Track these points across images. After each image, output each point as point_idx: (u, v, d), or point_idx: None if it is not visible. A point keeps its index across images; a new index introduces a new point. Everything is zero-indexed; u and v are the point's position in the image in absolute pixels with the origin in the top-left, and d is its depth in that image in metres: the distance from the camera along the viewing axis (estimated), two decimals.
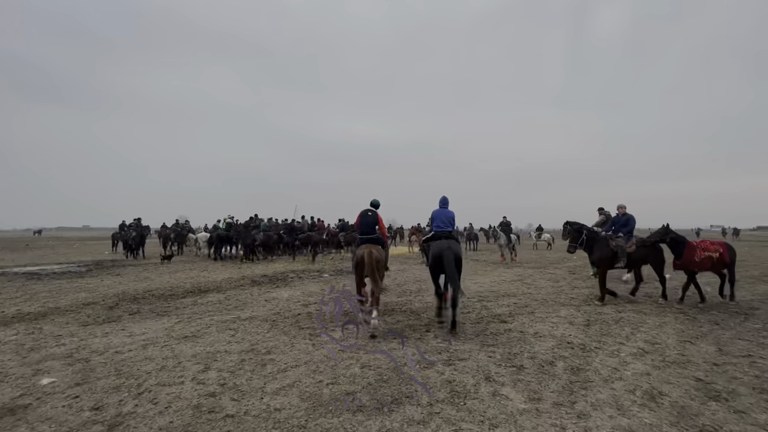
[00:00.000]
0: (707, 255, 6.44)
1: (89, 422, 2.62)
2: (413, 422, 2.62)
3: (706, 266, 6.53)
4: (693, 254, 6.50)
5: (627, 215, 7.20)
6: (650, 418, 2.69)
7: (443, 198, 5.83)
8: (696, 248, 6.53)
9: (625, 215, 7.20)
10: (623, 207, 7.31)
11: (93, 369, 3.57)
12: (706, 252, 6.47)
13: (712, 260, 6.44)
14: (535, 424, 2.59)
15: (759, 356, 3.98)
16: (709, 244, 6.63)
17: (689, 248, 6.55)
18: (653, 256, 6.93)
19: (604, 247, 6.88)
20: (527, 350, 4.12)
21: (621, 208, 7.32)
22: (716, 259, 6.43)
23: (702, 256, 6.45)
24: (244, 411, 2.77)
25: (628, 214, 7.20)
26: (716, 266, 6.53)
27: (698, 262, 6.47)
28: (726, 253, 6.47)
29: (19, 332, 4.82)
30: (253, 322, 5.34)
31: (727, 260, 6.47)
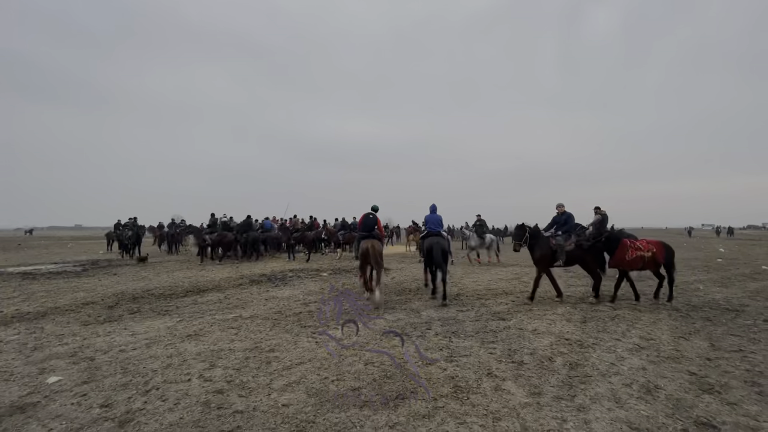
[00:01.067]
0: (639, 254, 6.38)
1: (100, 419, 2.66)
2: (419, 416, 2.69)
3: (637, 265, 6.48)
4: (624, 253, 6.44)
5: (566, 213, 7.17)
6: (647, 410, 2.79)
7: (433, 205, 7.55)
8: (628, 247, 6.47)
9: (564, 213, 7.18)
10: (561, 206, 7.26)
11: (99, 367, 3.60)
12: (639, 251, 6.41)
13: (644, 259, 6.39)
14: (537, 417, 2.68)
15: (750, 351, 4.11)
16: (645, 243, 6.56)
17: (621, 247, 6.50)
18: (591, 254, 6.83)
19: (545, 246, 6.92)
20: (526, 346, 4.22)
21: (560, 206, 7.27)
22: (648, 259, 6.37)
23: (633, 255, 6.39)
24: (253, 407, 2.83)
25: (567, 213, 7.18)
26: (648, 266, 6.48)
27: (629, 261, 6.42)
28: (660, 252, 6.40)
29: (21, 332, 4.81)
30: (254, 320, 5.38)
31: (661, 260, 6.40)
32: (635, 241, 6.62)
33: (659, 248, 6.46)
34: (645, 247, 6.45)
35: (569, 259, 6.86)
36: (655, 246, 6.48)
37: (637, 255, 6.40)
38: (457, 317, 5.57)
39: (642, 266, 6.52)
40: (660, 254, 6.41)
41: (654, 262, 6.43)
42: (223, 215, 15.87)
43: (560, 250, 6.77)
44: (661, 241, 6.70)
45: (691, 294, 7.45)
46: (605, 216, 10.24)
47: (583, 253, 6.84)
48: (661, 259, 6.43)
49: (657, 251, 6.41)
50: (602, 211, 10.28)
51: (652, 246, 6.47)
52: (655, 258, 6.39)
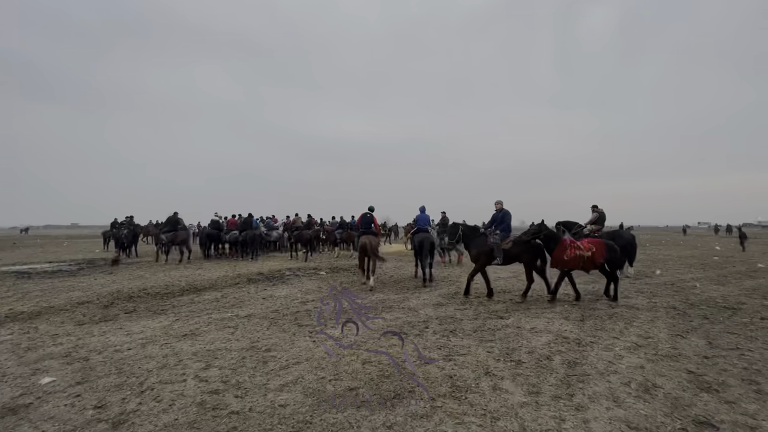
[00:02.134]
0: (578, 254, 6.31)
1: (93, 420, 2.62)
2: (417, 416, 2.67)
3: (576, 265, 6.39)
4: (563, 252, 6.39)
5: (503, 211, 7.09)
6: (645, 409, 2.78)
7: (422, 206, 9.32)
8: (567, 246, 6.41)
9: (501, 211, 7.10)
10: (499, 203, 7.19)
11: (93, 368, 3.56)
12: (578, 251, 6.33)
13: (582, 259, 6.30)
14: (536, 417, 2.66)
15: (747, 349, 4.12)
16: (585, 242, 6.48)
17: (560, 246, 6.45)
18: (529, 253, 6.76)
19: (482, 243, 6.87)
20: (525, 345, 4.21)
21: (497, 204, 7.21)
22: (587, 258, 6.29)
23: (571, 255, 6.32)
24: (249, 407, 2.80)
25: (505, 210, 7.10)
26: (587, 265, 6.39)
27: (567, 260, 6.36)
28: (599, 252, 6.31)
29: (14, 332, 4.76)
30: (251, 319, 5.34)
31: (599, 260, 6.32)
32: (575, 241, 6.54)
33: (599, 248, 6.36)
34: (585, 246, 6.36)
35: (508, 258, 6.79)
36: (595, 245, 6.39)
37: (576, 254, 6.30)
38: (455, 316, 5.55)
39: (581, 266, 6.41)
40: (599, 254, 6.31)
41: (592, 261, 6.32)
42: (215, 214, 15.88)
43: (497, 249, 6.71)
44: (604, 241, 6.60)
45: (688, 292, 7.47)
46: (602, 214, 10.28)
47: (521, 252, 6.76)
48: (601, 258, 6.32)
49: (596, 251, 6.31)
50: (599, 209, 10.32)
51: (591, 245, 6.38)
52: (593, 258, 6.29)
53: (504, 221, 7.01)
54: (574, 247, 6.38)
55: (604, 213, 10.12)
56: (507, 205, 7.28)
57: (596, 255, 6.30)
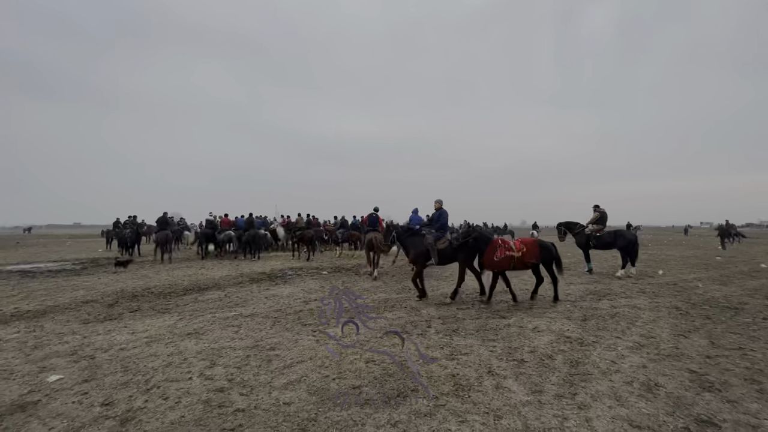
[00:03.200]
0: (508, 254, 6.22)
1: (101, 417, 2.65)
2: (420, 414, 2.69)
3: (507, 265, 6.30)
4: (493, 253, 6.29)
5: (440, 211, 7.02)
6: (648, 408, 2.79)
7: (415, 209, 10.74)
8: (497, 247, 6.32)
9: (439, 211, 7.03)
10: (438, 202, 7.12)
11: (99, 366, 3.60)
12: (508, 251, 6.24)
13: (513, 260, 6.23)
14: (538, 415, 2.68)
15: (750, 349, 4.13)
16: (518, 243, 6.39)
17: (491, 247, 6.36)
18: (463, 254, 6.65)
19: (419, 244, 6.82)
20: (527, 345, 4.22)
21: (436, 203, 7.13)
22: (517, 259, 6.22)
23: (502, 255, 6.23)
24: (254, 405, 2.83)
25: (442, 210, 7.03)
26: (518, 266, 6.31)
27: (497, 261, 6.25)
28: (530, 252, 6.25)
29: (21, 330, 4.80)
30: (255, 318, 5.37)
31: (530, 260, 6.25)
32: (507, 241, 6.46)
33: (531, 248, 6.30)
34: (517, 247, 6.29)
35: (443, 258, 6.73)
36: (527, 246, 6.32)
37: (506, 255, 6.22)
38: (457, 315, 5.57)
39: (512, 266, 6.32)
40: (531, 254, 6.25)
41: (523, 262, 6.26)
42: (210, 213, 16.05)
43: (432, 249, 6.65)
44: (537, 241, 6.55)
45: (691, 292, 7.46)
46: (604, 214, 10.28)
47: (456, 253, 6.68)
48: (532, 259, 6.27)
49: (528, 251, 6.25)
50: (601, 209, 10.33)
51: (523, 246, 6.31)
52: (524, 258, 6.23)
53: (439, 221, 6.96)
54: (505, 248, 6.28)
55: (606, 213, 10.12)
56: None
57: (526, 255, 6.22)
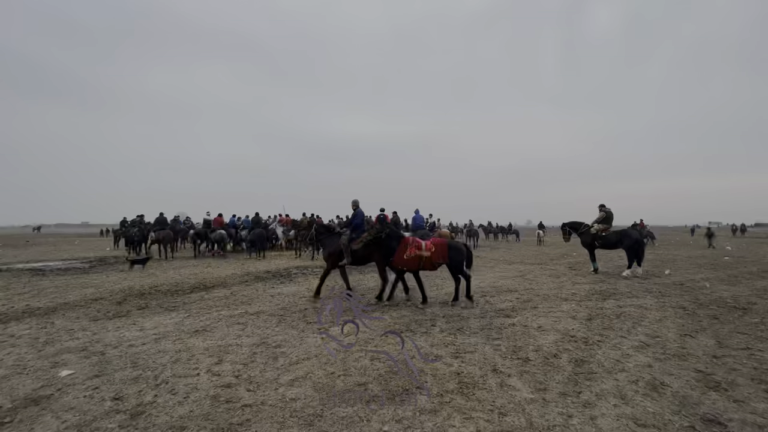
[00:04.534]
0: (417, 254, 6.14)
1: (112, 411, 2.71)
2: (425, 411, 2.72)
3: (415, 265, 6.24)
4: (403, 252, 6.21)
5: (356, 211, 6.99)
6: (653, 407, 2.79)
7: (417, 209, 12.44)
8: (407, 246, 6.23)
9: (354, 210, 7.01)
10: (355, 203, 7.08)
11: (109, 361, 3.66)
12: (417, 251, 6.15)
13: (421, 259, 6.15)
14: (543, 413, 2.69)
15: (757, 349, 4.09)
16: (429, 243, 6.29)
17: (401, 246, 6.28)
18: (378, 254, 6.59)
19: (334, 243, 6.82)
20: (532, 343, 4.23)
21: (353, 203, 7.10)
22: (425, 259, 6.13)
23: (411, 254, 6.14)
24: (261, 401, 2.87)
25: (358, 210, 7.00)
26: (426, 265, 6.22)
27: (407, 260, 6.18)
28: (439, 252, 6.13)
29: (32, 326, 4.90)
30: (261, 316, 5.43)
31: (439, 260, 6.14)
32: (418, 240, 6.35)
33: (440, 248, 6.16)
34: (427, 246, 6.20)
35: (358, 258, 6.68)
36: (436, 246, 6.20)
37: (415, 254, 6.14)
38: (461, 314, 5.58)
39: (420, 266, 6.26)
40: (439, 254, 6.13)
41: (430, 262, 6.15)
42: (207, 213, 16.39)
43: (345, 249, 6.64)
44: (447, 241, 6.40)
45: (698, 292, 7.40)
46: (609, 213, 10.22)
47: (371, 252, 6.61)
48: (440, 259, 6.14)
49: (436, 251, 6.13)
50: (606, 208, 10.27)
51: (432, 245, 6.20)
52: (431, 258, 6.12)
53: (354, 221, 6.94)
54: (414, 247, 6.20)
55: (612, 212, 10.06)
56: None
57: (435, 255, 6.12)
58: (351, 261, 6.67)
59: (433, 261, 6.18)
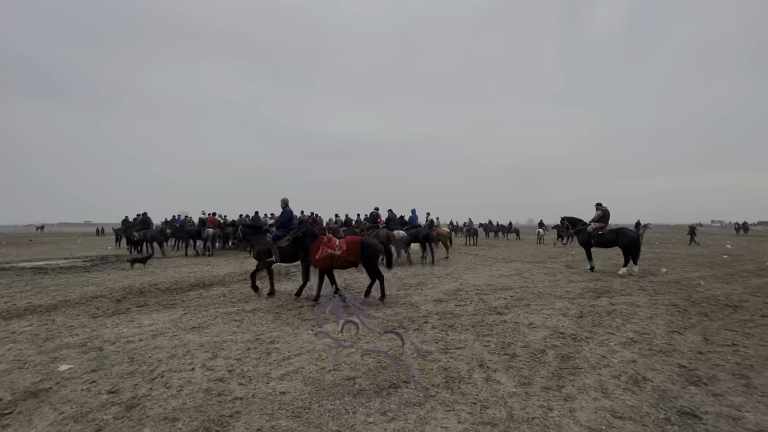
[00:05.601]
0: (329, 253, 6.14)
1: (108, 404, 2.81)
2: (410, 404, 2.80)
3: (328, 264, 6.22)
4: (316, 251, 6.20)
5: (284, 210, 7.04)
6: (632, 400, 2.87)
7: (413, 209, 13.49)
8: (321, 245, 6.23)
9: (285, 210, 7.07)
10: (284, 201, 7.12)
11: (107, 357, 3.77)
12: (330, 249, 6.16)
13: (333, 258, 6.16)
14: (524, 406, 2.77)
15: (743, 345, 4.16)
16: (342, 242, 6.29)
17: (315, 244, 6.29)
18: (303, 252, 6.62)
19: (261, 242, 6.89)
20: (521, 340, 4.30)
21: (282, 202, 7.14)
22: (337, 257, 6.15)
23: (324, 253, 6.14)
24: (252, 394, 2.96)
25: (286, 209, 7.04)
26: (339, 264, 6.25)
27: (319, 259, 6.18)
28: (350, 251, 6.13)
29: (33, 323, 5.01)
30: (257, 314, 5.53)
31: (350, 258, 6.15)
32: (332, 239, 6.39)
33: (352, 247, 6.17)
34: (339, 245, 6.22)
35: (286, 256, 6.74)
36: (348, 244, 6.21)
37: (327, 253, 6.15)
38: (455, 311, 5.66)
39: (333, 265, 6.27)
40: (350, 252, 6.14)
41: (342, 261, 6.19)
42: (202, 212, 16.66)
43: (272, 247, 6.73)
44: (361, 239, 6.39)
45: (692, 290, 7.45)
46: (606, 212, 10.27)
47: (298, 251, 6.63)
48: (352, 257, 6.16)
49: (347, 249, 6.14)
50: (603, 207, 10.31)
51: (344, 244, 6.22)
52: (342, 257, 6.15)
53: (281, 219, 7.00)
54: (327, 246, 6.21)
55: (608, 211, 10.11)
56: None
57: (346, 253, 6.14)
58: (279, 259, 6.74)
59: (344, 259, 6.18)
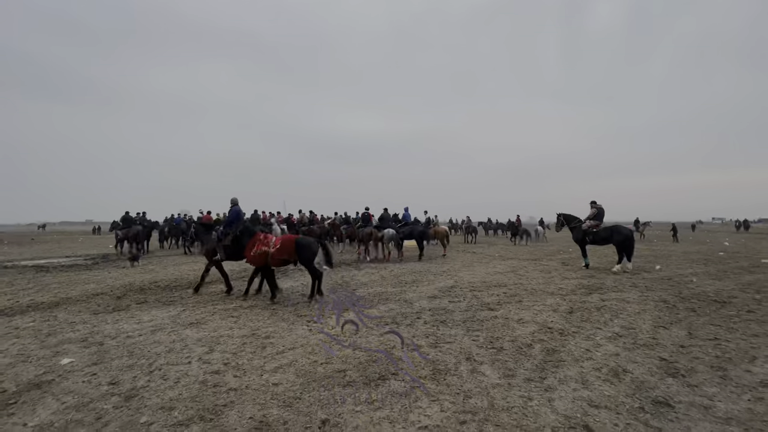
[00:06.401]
0: (263, 250, 6.19)
1: (107, 394, 2.94)
2: (396, 394, 2.93)
3: (262, 261, 6.26)
4: (251, 248, 6.27)
5: (233, 209, 7.09)
6: (610, 390, 2.99)
7: (406, 207, 14.86)
8: (256, 242, 6.29)
9: (233, 209, 7.12)
10: (232, 201, 7.18)
11: (107, 351, 3.90)
12: (264, 247, 6.21)
13: (267, 256, 6.20)
14: (505, 396, 2.89)
15: (725, 339, 4.27)
16: (277, 239, 6.35)
17: (251, 242, 6.35)
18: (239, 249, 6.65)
19: (210, 241, 6.99)
20: (509, 335, 4.42)
21: (231, 201, 7.20)
22: (271, 255, 6.18)
23: (258, 250, 6.20)
24: (246, 385, 3.09)
25: (235, 209, 7.08)
26: (274, 262, 6.26)
27: (254, 256, 6.24)
28: (284, 249, 6.17)
29: (36, 319, 5.15)
30: (254, 310, 5.65)
31: (283, 256, 6.17)
32: (269, 236, 6.43)
33: (285, 245, 6.20)
34: (274, 243, 6.26)
35: (230, 254, 6.76)
36: (282, 242, 6.24)
37: (262, 251, 6.20)
38: (447, 308, 5.78)
39: (266, 262, 6.30)
40: (283, 250, 6.17)
41: (276, 258, 6.20)
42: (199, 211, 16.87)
43: (217, 246, 6.81)
44: (295, 238, 6.39)
45: (683, 286, 7.56)
46: (601, 209, 10.37)
47: (241, 249, 6.61)
48: (284, 255, 6.19)
49: (281, 248, 6.17)
50: (598, 204, 10.41)
51: (278, 242, 6.26)
52: (276, 255, 6.17)
53: (228, 218, 7.05)
54: (262, 243, 6.26)
55: (603, 208, 10.22)
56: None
57: (279, 251, 6.16)
58: (224, 257, 6.79)
59: (277, 257, 6.20)
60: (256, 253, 6.26)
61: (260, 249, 6.24)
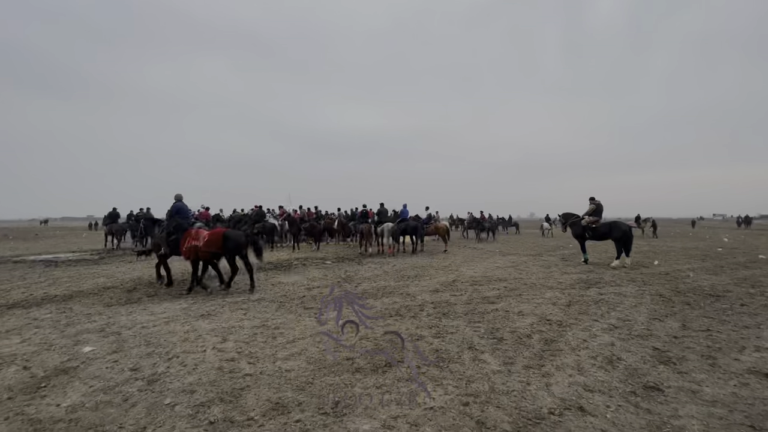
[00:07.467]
0: (193, 244, 6.34)
1: (131, 379, 3.13)
2: (403, 379, 3.11)
3: (192, 255, 6.41)
4: (183, 242, 6.42)
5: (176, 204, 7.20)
6: (604, 377, 3.17)
7: (404, 204, 14.53)
8: (187, 236, 6.44)
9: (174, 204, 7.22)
10: (176, 196, 7.29)
11: (125, 340, 4.08)
12: (194, 241, 6.35)
13: (197, 249, 6.34)
14: (505, 381, 3.07)
15: (717, 331, 4.45)
16: (207, 233, 6.47)
17: (184, 236, 6.50)
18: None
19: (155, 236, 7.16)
20: (509, 326, 4.60)
21: (175, 197, 7.33)
22: (199, 248, 6.31)
23: (189, 245, 6.35)
24: (260, 371, 3.27)
25: (178, 204, 7.17)
26: (202, 255, 6.42)
27: (185, 250, 6.39)
28: (210, 242, 6.30)
29: (52, 311, 5.34)
30: (262, 302, 5.84)
31: (211, 249, 6.29)
32: (201, 231, 6.56)
33: (213, 238, 6.34)
34: (203, 237, 6.39)
35: (173, 248, 6.88)
36: (209, 236, 6.39)
37: (192, 245, 6.36)
38: (449, 301, 5.96)
39: (196, 256, 6.46)
40: (210, 243, 6.32)
41: (203, 251, 6.35)
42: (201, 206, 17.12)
43: (162, 241, 6.96)
44: (222, 232, 6.51)
45: (680, 281, 7.73)
46: (599, 205, 10.52)
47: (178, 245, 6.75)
48: (211, 248, 6.31)
49: (208, 241, 6.31)
50: (597, 200, 10.56)
51: (206, 236, 6.40)
52: (203, 248, 6.31)
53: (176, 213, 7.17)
54: (192, 238, 6.41)
55: (601, 204, 10.37)
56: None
57: (206, 245, 6.30)
58: (169, 251, 6.94)
59: (204, 250, 6.33)
60: (186, 248, 6.44)
61: (191, 243, 6.40)
